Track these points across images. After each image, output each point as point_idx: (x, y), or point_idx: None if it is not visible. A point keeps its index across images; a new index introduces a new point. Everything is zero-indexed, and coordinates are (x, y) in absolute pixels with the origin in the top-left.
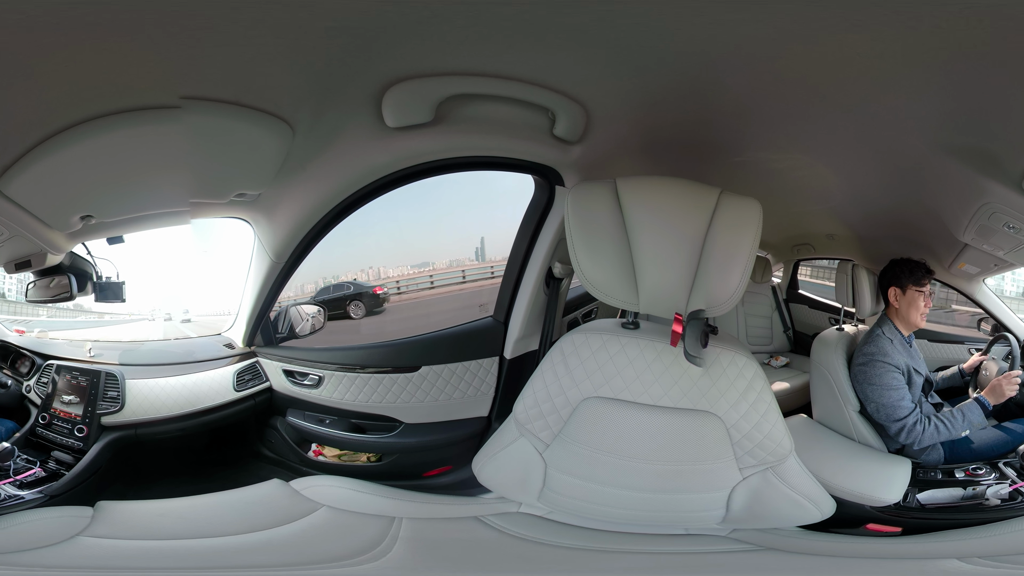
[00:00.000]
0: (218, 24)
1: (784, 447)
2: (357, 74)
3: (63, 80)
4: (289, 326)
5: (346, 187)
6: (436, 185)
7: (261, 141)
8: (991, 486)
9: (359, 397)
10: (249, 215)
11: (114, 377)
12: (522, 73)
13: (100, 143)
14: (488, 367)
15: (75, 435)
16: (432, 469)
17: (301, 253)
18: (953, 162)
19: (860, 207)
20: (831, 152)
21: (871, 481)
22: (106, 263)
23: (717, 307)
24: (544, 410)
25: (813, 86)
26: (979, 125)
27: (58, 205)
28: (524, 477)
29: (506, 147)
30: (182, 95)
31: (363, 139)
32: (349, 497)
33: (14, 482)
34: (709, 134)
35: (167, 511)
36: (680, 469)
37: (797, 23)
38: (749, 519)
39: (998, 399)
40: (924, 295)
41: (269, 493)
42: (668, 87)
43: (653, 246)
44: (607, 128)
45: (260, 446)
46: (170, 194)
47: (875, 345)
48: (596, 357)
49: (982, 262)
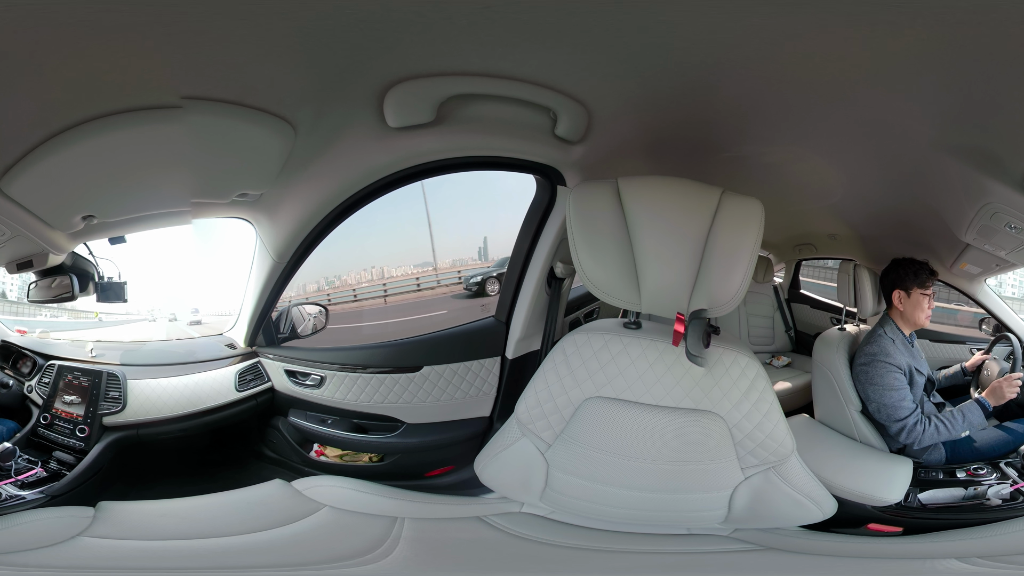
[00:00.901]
0: (219, 24)
1: (786, 447)
2: (359, 74)
3: (64, 80)
4: (291, 326)
5: (348, 187)
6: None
7: (263, 141)
8: (992, 486)
9: (361, 397)
10: (251, 215)
11: (116, 377)
12: (524, 73)
13: (102, 143)
14: (490, 367)
15: (77, 435)
16: (434, 469)
17: (303, 253)
18: (955, 162)
19: (862, 206)
20: (833, 151)
21: (872, 481)
22: (108, 263)
23: (719, 307)
24: (546, 410)
25: (815, 86)
26: (981, 125)
27: (60, 205)
28: (526, 477)
29: (508, 147)
30: (183, 95)
31: (365, 139)
32: (351, 497)
33: (15, 482)
34: (711, 134)
35: (169, 511)
36: (682, 469)
37: (798, 22)
38: (751, 519)
39: (998, 401)
40: (929, 297)
41: (271, 493)
42: (670, 87)
43: (655, 246)
44: (609, 128)
45: (262, 446)
46: (172, 194)
47: (877, 345)
48: (598, 357)
49: (984, 262)
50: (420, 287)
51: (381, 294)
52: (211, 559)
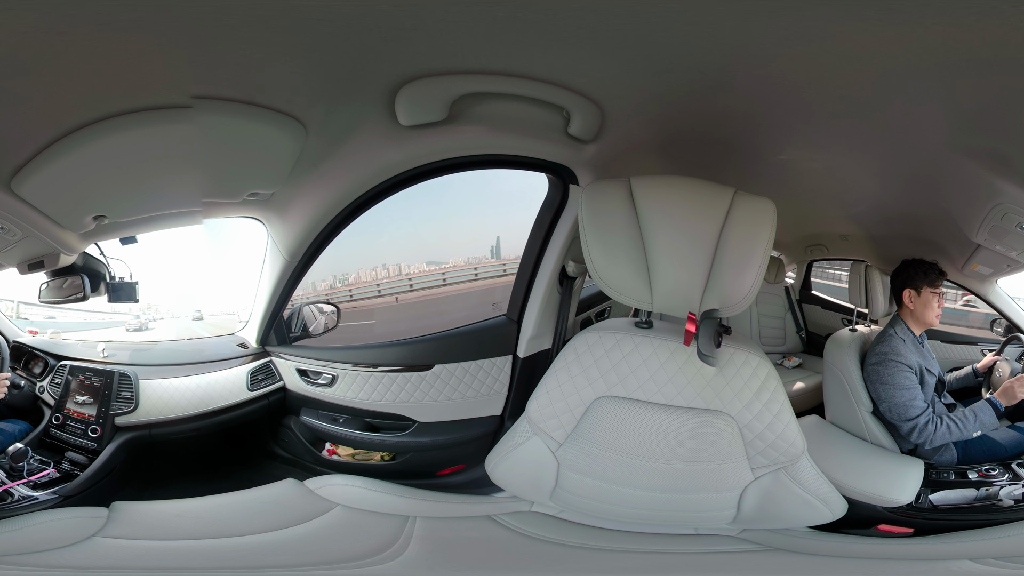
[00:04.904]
0: (229, 23)
1: (797, 447)
2: (371, 72)
3: (74, 81)
4: (302, 325)
5: (359, 185)
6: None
7: (274, 140)
8: (1005, 487)
9: (373, 396)
10: (262, 214)
11: (127, 377)
12: (537, 72)
13: (112, 143)
14: (501, 366)
15: (89, 435)
16: (446, 468)
17: (314, 252)
18: (965, 162)
19: (874, 207)
20: (846, 152)
21: (883, 482)
22: (119, 263)
23: (731, 307)
24: (557, 409)
25: (827, 87)
26: (992, 125)
27: (71, 205)
28: (537, 476)
29: (520, 146)
30: (193, 95)
31: (376, 137)
32: (363, 496)
33: (28, 483)
34: (723, 134)
35: (183, 511)
36: (692, 469)
37: (813, 23)
38: (760, 519)
39: (1010, 401)
40: (939, 296)
41: (284, 492)
42: (684, 87)
43: (667, 245)
44: (622, 127)
45: (274, 445)
46: (183, 194)
47: (888, 345)
48: (609, 356)
49: (995, 263)
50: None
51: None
52: (226, 559)
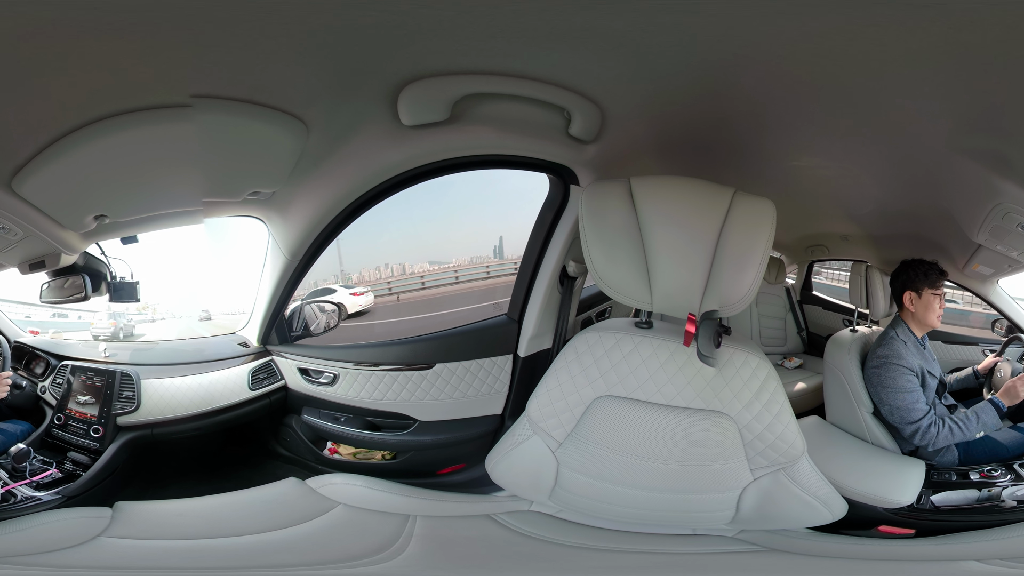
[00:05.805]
0: (229, 22)
1: (796, 448)
2: (373, 72)
3: (74, 80)
4: (304, 324)
5: (360, 185)
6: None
7: (275, 139)
8: (1007, 487)
9: (374, 395)
10: (263, 213)
11: (129, 377)
12: (539, 73)
13: (113, 143)
14: (502, 365)
15: (91, 435)
16: (446, 467)
17: (315, 251)
18: (966, 162)
19: (875, 207)
20: (846, 152)
21: (884, 483)
22: (120, 263)
23: (730, 307)
24: (557, 408)
25: (827, 88)
26: (992, 125)
27: (72, 205)
28: (536, 475)
29: (521, 146)
30: (192, 94)
31: (378, 137)
32: (364, 495)
33: (31, 483)
34: (724, 134)
35: (186, 511)
36: (691, 469)
37: (814, 23)
38: (759, 520)
39: (1012, 401)
40: (940, 297)
41: (285, 492)
42: (685, 88)
43: (667, 245)
44: (622, 127)
45: (276, 444)
46: (183, 193)
47: (889, 347)
48: (609, 356)
49: (996, 263)
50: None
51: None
52: (229, 558)
